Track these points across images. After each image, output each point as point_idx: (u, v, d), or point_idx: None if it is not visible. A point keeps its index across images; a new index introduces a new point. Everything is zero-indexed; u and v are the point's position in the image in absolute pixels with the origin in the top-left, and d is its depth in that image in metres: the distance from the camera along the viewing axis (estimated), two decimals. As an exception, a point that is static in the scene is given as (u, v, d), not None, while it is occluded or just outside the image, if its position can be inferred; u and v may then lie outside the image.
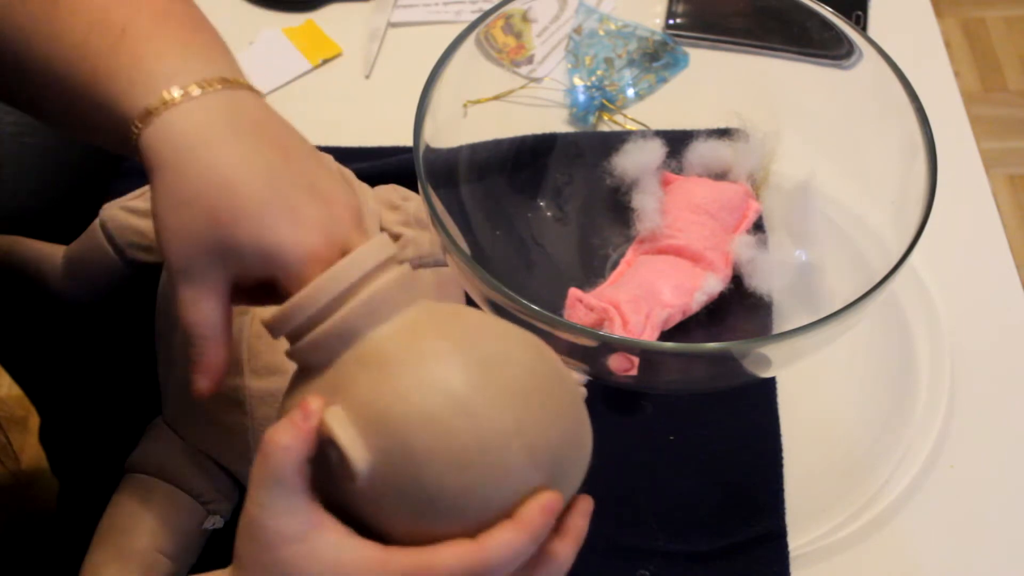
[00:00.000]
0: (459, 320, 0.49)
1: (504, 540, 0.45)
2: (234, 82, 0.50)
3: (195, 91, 0.48)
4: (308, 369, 0.49)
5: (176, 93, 0.48)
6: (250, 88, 0.51)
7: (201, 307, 0.49)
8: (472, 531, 0.45)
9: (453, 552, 0.44)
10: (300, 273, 0.48)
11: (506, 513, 0.46)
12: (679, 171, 0.79)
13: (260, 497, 0.45)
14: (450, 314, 0.49)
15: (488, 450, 0.45)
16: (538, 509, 0.45)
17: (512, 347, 0.48)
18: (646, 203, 0.76)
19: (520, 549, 0.45)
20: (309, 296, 0.47)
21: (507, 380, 0.46)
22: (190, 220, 0.47)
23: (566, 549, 0.48)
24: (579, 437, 0.49)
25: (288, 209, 0.48)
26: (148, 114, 0.48)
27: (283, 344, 0.64)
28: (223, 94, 0.49)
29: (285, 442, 0.45)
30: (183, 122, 0.48)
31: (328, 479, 0.46)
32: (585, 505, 0.49)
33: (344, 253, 0.48)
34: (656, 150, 0.79)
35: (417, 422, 0.44)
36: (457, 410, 0.45)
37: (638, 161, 0.78)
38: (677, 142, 0.80)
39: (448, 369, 0.46)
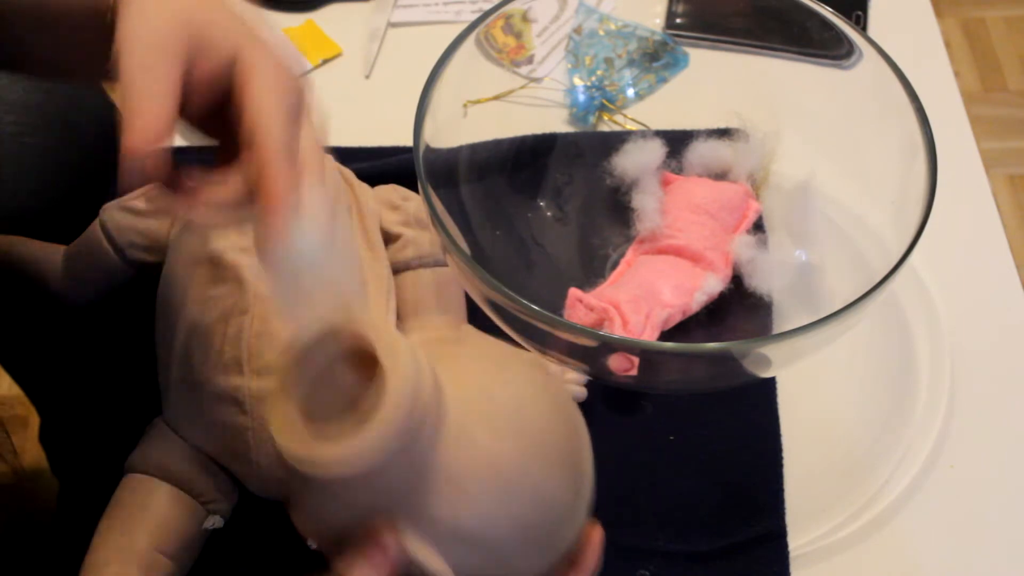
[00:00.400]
0: (493, 393, 0.49)
1: None
2: None
3: None
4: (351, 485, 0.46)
5: None
6: None
7: (152, 70, 0.46)
8: None
9: None
10: (263, 102, 0.47)
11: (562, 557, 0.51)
12: (679, 171, 0.79)
13: None
14: (476, 387, 0.49)
15: (560, 524, 0.50)
16: (592, 552, 0.51)
17: (537, 400, 0.50)
18: (646, 203, 0.76)
19: None
20: (382, 445, 0.44)
21: (562, 449, 0.50)
22: (166, 7, 0.48)
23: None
24: (591, 460, 0.53)
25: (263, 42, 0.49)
26: None
27: (282, 344, 0.64)
28: None
29: None
30: None
31: None
32: (599, 537, 0.53)
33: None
34: (656, 150, 0.79)
35: (501, 531, 0.47)
36: (532, 506, 0.48)
37: (638, 161, 0.78)
38: (677, 142, 0.80)
39: (516, 470, 0.47)
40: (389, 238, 0.73)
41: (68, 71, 0.60)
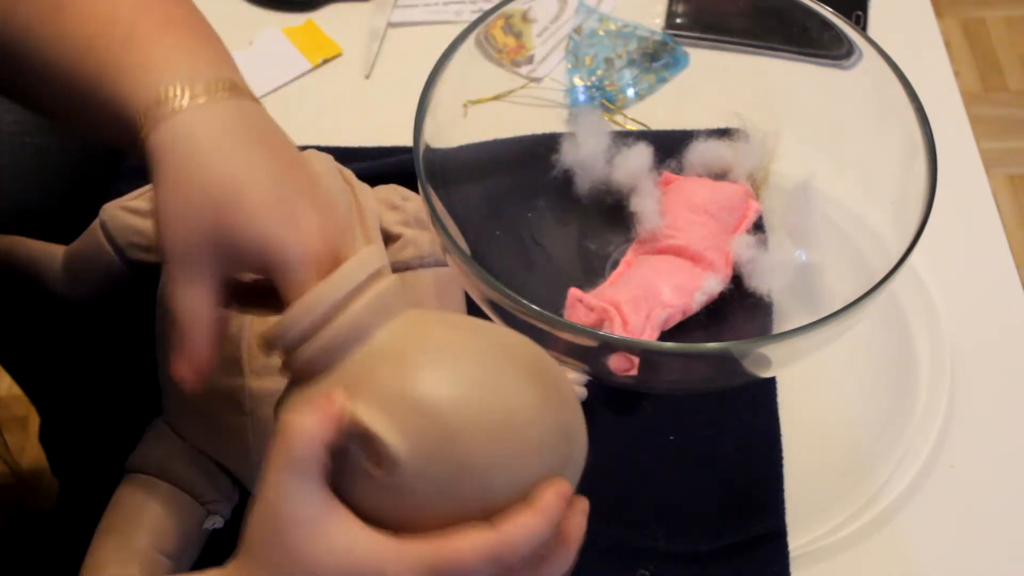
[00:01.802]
0: (459, 318, 0.51)
1: (522, 523, 0.44)
2: (240, 90, 0.51)
3: (201, 97, 0.49)
4: (309, 376, 0.48)
5: (183, 94, 0.49)
6: (253, 98, 0.52)
7: (192, 294, 0.49)
8: (489, 515, 0.45)
9: (472, 537, 0.44)
10: (298, 274, 0.48)
11: (520, 498, 0.46)
12: (679, 171, 0.79)
13: (276, 480, 0.45)
14: (448, 316, 0.51)
15: (518, 424, 0.46)
16: (553, 494, 0.45)
17: (517, 339, 0.50)
18: (645, 204, 0.76)
19: (537, 533, 0.45)
20: (317, 297, 0.47)
21: (524, 362, 0.48)
22: (194, 210, 0.48)
23: (571, 546, 0.48)
24: (582, 428, 0.50)
25: (291, 212, 0.48)
26: (156, 116, 0.49)
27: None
28: (230, 103, 0.50)
29: (309, 427, 0.44)
30: (192, 125, 0.49)
31: (344, 474, 0.46)
32: (583, 504, 0.49)
33: (340, 261, 0.49)
34: (655, 151, 0.79)
35: (450, 403, 0.45)
36: (487, 388, 0.46)
37: (637, 161, 0.78)
38: (677, 142, 0.80)
39: (470, 353, 0.47)
40: (389, 238, 0.73)
41: (88, 137, 0.61)
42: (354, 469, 0.45)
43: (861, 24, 0.94)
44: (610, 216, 0.78)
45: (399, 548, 0.44)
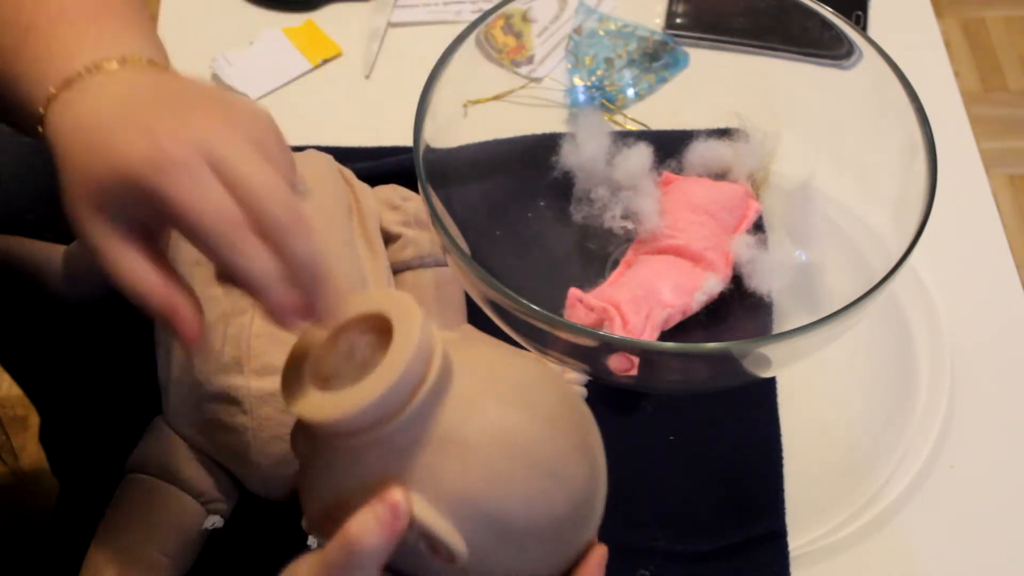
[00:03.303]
0: (506, 379, 0.49)
1: None
2: (132, 60, 0.49)
3: (81, 73, 0.48)
4: (362, 446, 0.46)
5: (73, 78, 0.48)
6: (154, 63, 0.50)
7: (126, 271, 0.45)
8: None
9: None
10: (159, 185, 0.43)
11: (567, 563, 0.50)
12: (679, 171, 0.79)
13: None
14: (485, 366, 0.49)
15: (576, 513, 0.49)
16: (596, 566, 0.49)
17: (568, 401, 0.51)
18: (645, 204, 0.76)
19: None
20: (386, 392, 0.44)
21: (573, 431, 0.49)
22: (67, 186, 0.46)
23: None
24: (602, 453, 0.53)
25: (141, 129, 0.45)
26: (44, 109, 0.48)
27: (283, 344, 0.64)
28: (114, 74, 0.48)
29: (373, 545, 0.43)
30: (66, 105, 0.48)
31: (406, 555, 0.46)
32: (602, 556, 0.51)
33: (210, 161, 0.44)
34: (655, 151, 0.79)
35: (517, 511, 0.46)
36: (546, 483, 0.47)
37: (637, 161, 0.78)
38: (677, 142, 0.80)
39: (528, 441, 0.47)
40: (389, 238, 0.73)
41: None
42: (411, 549, 0.45)
43: (861, 24, 0.94)
44: (610, 216, 0.78)
45: None
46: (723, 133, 0.80)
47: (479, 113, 0.78)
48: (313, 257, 0.45)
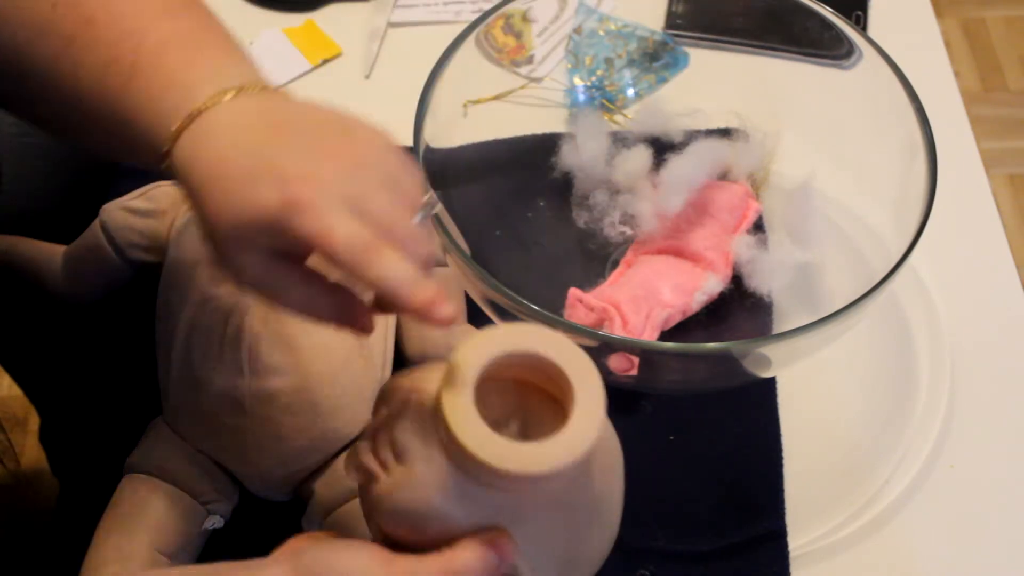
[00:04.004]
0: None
1: None
2: (243, 88, 0.51)
3: (217, 99, 0.50)
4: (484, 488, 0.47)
5: (198, 107, 0.49)
6: (263, 87, 0.52)
7: (290, 291, 0.48)
8: None
9: None
10: (298, 227, 0.46)
11: None
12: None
13: None
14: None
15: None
16: None
17: (617, 444, 0.54)
18: (644, 204, 0.76)
19: None
20: (582, 455, 0.46)
21: (618, 481, 0.53)
22: (205, 220, 0.48)
23: None
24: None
25: (273, 170, 0.47)
26: (167, 147, 0.50)
27: (283, 344, 0.64)
28: (241, 100, 0.50)
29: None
30: (193, 141, 0.49)
31: None
32: None
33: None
34: (655, 151, 0.79)
35: (585, 556, 0.50)
36: (611, 533, 0.52)
37: (637, 162, 0.78)
38: (676, 142, 0.80)
39: (611, 507, 0.51)
40: (389, 238, 0.73)
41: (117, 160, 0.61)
42: None
43: (861, 24, 0.94)
44: (610, 217, 0.78)
45: None
46: (723, 133, 0.80)
47: (479, 113, 0.78)
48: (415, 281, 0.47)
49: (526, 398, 0.50)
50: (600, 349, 0.62)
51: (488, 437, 0.44)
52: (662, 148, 0.79)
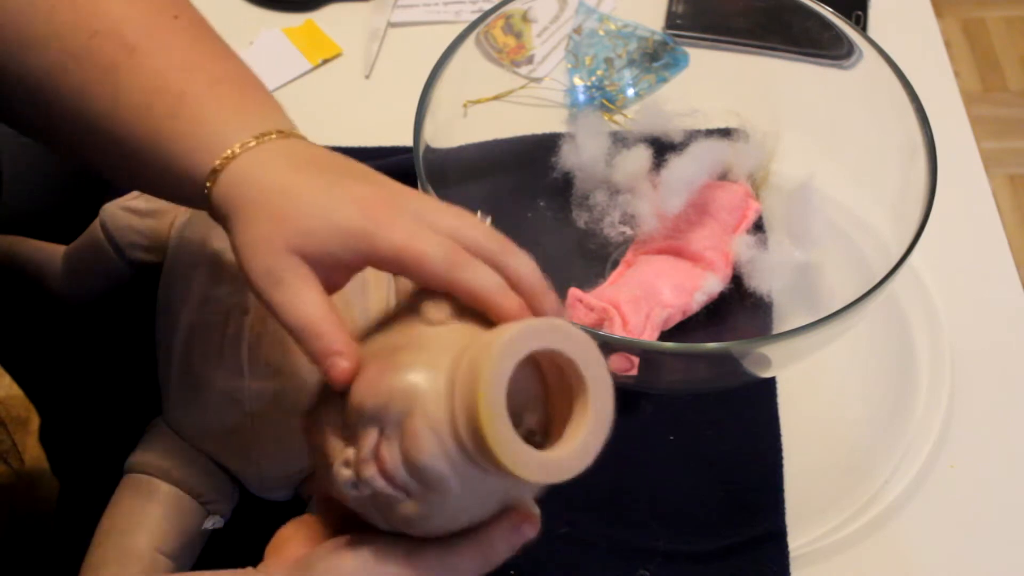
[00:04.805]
0: None
1: None
2: (288, 133, 0.52)
3: (251, 143, 0.50)
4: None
5: (236, 148, 0.50)
6: (301, 137, 0.53)
7: (297, 306, 0.48)
8: None
9: None
10: (386, 240, 0.47)
11: None
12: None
13: None
14: None
15: None
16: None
17: None
18: (644, 204, 0.76)
19: None
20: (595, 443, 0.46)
21: None
22: (261, 234, 0.48)
23: None
24: None
25: (349, 194, 0.48)
26: (214, 172, 0.50)
27: (282, 344, 0.64)
28: (278, 142, 0.51)
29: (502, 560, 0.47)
30: (245, 169, 0.50)
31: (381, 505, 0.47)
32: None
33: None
34: (655, 151, 0.79)
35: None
36: None
37: (637, 162, 0.78)
38: (677, 142, 0.80)
39: None
40: (389, 238, 0.73)
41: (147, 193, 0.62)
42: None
43: (861, 24, 0.94)
44: (610, 217, 0.78)
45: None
46: (723, 133, 0.80)
47: (479, 113, 0.78)
48: (532, 270, 0.49)
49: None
50: (600, 349, 0.62)
51: (523, 451, 0.44)
52: (662, 148, 0.79)
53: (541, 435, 0.47)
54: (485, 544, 0.46)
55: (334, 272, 0.48)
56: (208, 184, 0.50)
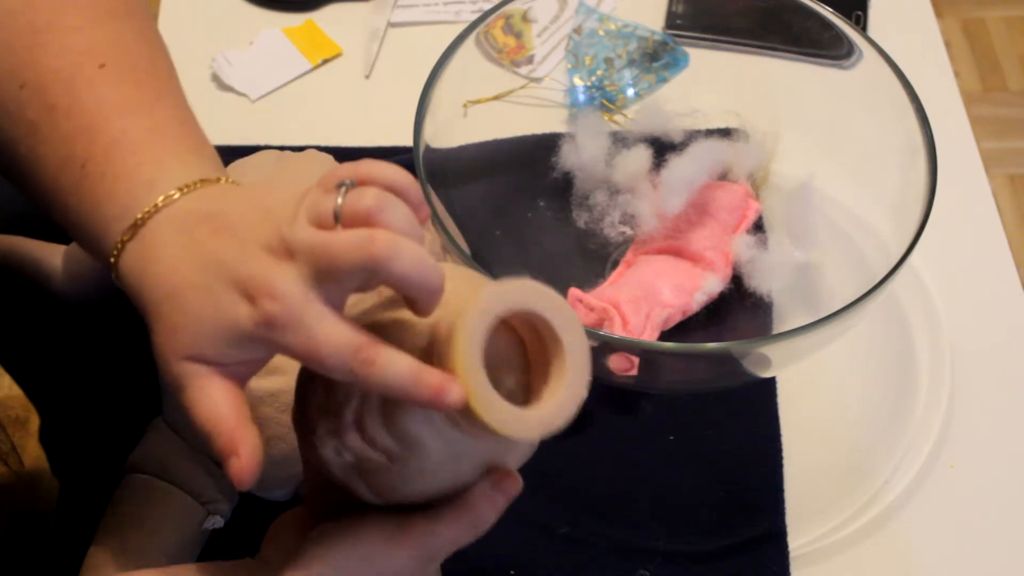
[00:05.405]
0: None
1: None
2: (191, 186, 0.49)
3: (148, 210, 0.49)
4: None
5: (125, 237, 0.49)
6: (211, 179, 0.50)
7: (199, 409, 0.47)
8: None
9: None
10: (279, 340, 0.45)
11: None
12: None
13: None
14: None
15: None
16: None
17: None
18: (644, 203, 0.76)
19: None
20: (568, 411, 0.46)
21: None
22: (163, 345, 0.47)
23: None
24: None
25: (236, 288, 0.46)
26: (113, 257, 0.49)
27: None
28: (179, 205, 0.49)
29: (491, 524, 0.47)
30: (142, 253, 0.48)
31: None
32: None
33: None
34: (655, 151, 0.79)
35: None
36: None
37: (637, 162, 0.78)
38: (676, 142, 0.80)
39: None
40: (389, 238, 0.73)
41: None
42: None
43: (861, 24, 0.94)
44: (610, 216, 0.78)
45: None
46: (723, 133, 0.80)
47: (479, 113, 0.78)
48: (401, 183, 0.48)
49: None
50: (600, 349, 0.62)
51: (502, 407, 0.44)
52: (662, 148, 0.79)
53: (522, 397, 0.47)
54: (469, 507, 0.46)
55: (242, 364, 0.47)
56: (112, 271, 0.50)
